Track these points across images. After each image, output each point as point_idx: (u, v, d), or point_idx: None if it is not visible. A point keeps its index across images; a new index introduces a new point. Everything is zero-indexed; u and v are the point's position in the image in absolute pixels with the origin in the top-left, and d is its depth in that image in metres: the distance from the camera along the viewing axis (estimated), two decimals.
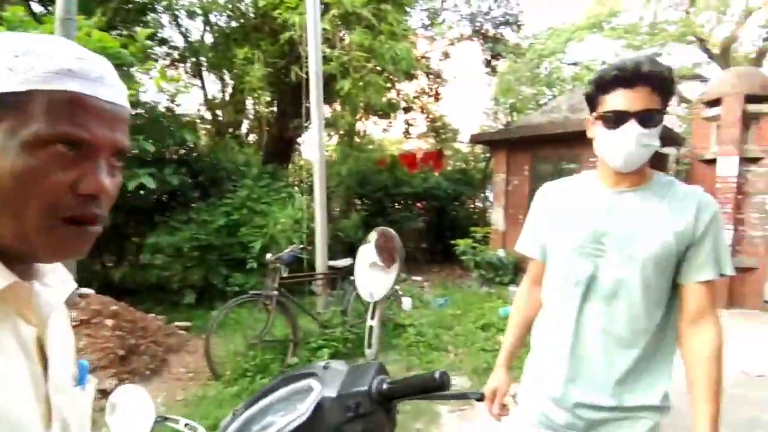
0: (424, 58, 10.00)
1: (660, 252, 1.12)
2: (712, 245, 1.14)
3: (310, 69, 4.23)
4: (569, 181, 1.33)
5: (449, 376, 0.72)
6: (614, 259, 1.16)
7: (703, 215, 1.13)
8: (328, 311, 4.39)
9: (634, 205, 1.16)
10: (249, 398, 0.99)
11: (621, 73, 1.09)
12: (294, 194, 5.98)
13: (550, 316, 1.31)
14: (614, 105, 1.11)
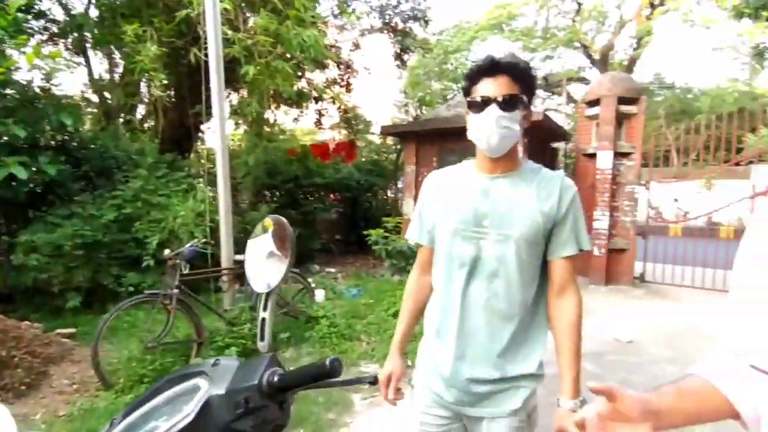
0: (334, 47, 9.89)
1: (531, 231, 1.24)
2: (572, 224, 1.27)
3: (210, 51, 3.96)
4: (452, 169, 1.42)
5: (341, 362, 0.72)
6: (493, 240, 1.25)
7: (564, 197, 1.26)
8: (236, 308, 4.20)
9: (507, 189, 1.27)
10: (129, 404, 0.90)
11: (485, 64, 1.23)
12: (196, 185, 5.59)
13: (439, 298, 1.37)
14: (480, 92, 1.23)
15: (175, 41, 5.89)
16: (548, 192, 1.26)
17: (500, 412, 1.29)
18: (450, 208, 1.32)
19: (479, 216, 1.27)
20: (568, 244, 1.27)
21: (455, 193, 1.33)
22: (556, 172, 1.33)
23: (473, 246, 1.27)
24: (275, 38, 4.96)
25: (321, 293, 5.63)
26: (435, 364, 1.36)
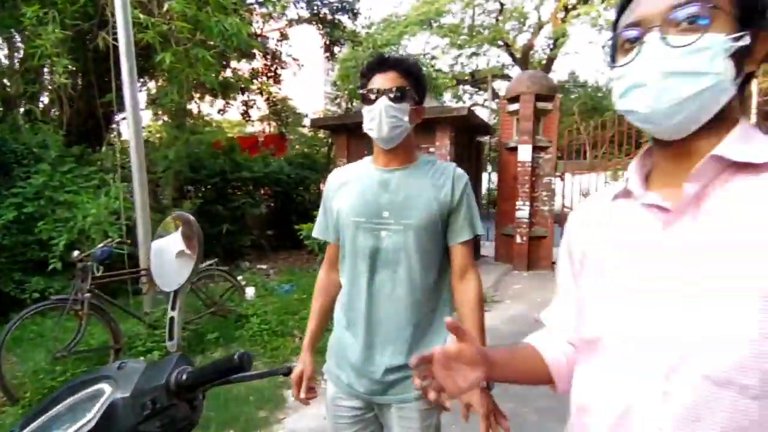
0: (260, 36, 9.56)
1: (428, 219, 1.31)
2: (466, 211, 1.36)
3: (120, 36, 3.67)
4: (351, 166, 1.49)
5: (251, 356, 0.72)
6: (394, 230, 1.32)
7: (457, 186, 1.36)
8: (157, 310, 3.98)
9: (404, 181, 1.34)
10: (26, 415, 0.84)
11: (376, 61, 1.34)
12: (109, 181, 5.18)
13: (346, 291, 1.42)
14: (371, 86, 1.32)
15: (81, 24, 5.38)
16: (442, 182, 1.35)
17: (409, 396, 1.34)
18: (351, 203, 1.37)
19: (379, 208, 1.33)
20: (464, 230, 1.36)
21: (355, 187, 1.38)
22: (449, 163, 1.42)
23: (375, 237, 1.32)
24: (194, 25, 4.70)
25: (251, 291, 5.48)
26: (345, 355, 1.39)
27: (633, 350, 0.66)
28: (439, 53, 21.29)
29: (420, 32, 19.43)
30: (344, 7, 9.97)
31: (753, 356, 0.56)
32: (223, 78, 8.14)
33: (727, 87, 0.63)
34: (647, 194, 0.70)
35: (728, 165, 0.64)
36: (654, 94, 0.64)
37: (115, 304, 3.68)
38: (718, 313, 0.59)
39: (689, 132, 0.66)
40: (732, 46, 0.62)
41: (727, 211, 0.63)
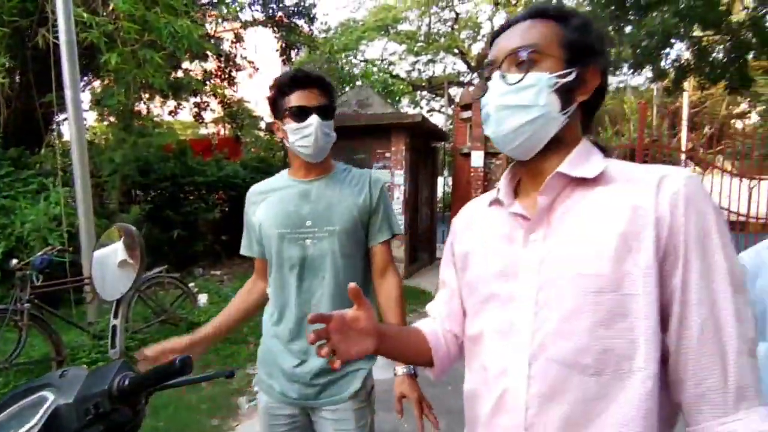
0: (213, 38, 9.36)
1: (351, 224, 1.38)
2: (384, 213, 1.45)
3: (61, 35, 3.53)
4: (268, 180, 1.51)
5: (191, 360, 0.76)
6: (318, 237, 1.37)
7: (374, 190, 1.44)
8: (103, 320, 3.84)
9: (323, 190, 1.40)
10: None
11: (297, 77, 1.35)
12: (49, 185, 4.93)
13: (275, 302, 1.44)
14: (296, 102, 1.33)
15: (19, 21, 5.10)
16: (360, 188, 1.42)
17: (341, 397, 1.38)
18: (273, 216, 1.40)
19: (301, 218, 1.38)
20: (383, 231, 1.44)
21: (276, 200, 1.42)
22: (364, 170, 1.50)
23: (300, 247, 1.37)
24: (142, 26, 4.57)
25: (204, 297, 5.37)
26: (276, 363, 1.41)
27: (504, 344, 0.78)
28: (397, 59, 21.60)
29: (378, 38, 19.64)
30: (300, 11, 9.94)
31: (589, 341, 0.69)
32: (174, 79, 7.91)
33: (555, 117, 0.76)
34: (514, 204, 0.82)
35: (570, 180, 0.76)
36: (496, 124, 0.78)
37: (56, 315, 3.53)
38: (562, 309, 0.72)
39: (534, 153, 0.79)
40: (557, 82, 0.75)
41: (567, 221, 0.75)
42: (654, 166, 0.74)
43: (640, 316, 0.67)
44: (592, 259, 0.70)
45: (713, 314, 0.65)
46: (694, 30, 9.41)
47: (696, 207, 0.68)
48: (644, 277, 0.67)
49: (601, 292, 0.69)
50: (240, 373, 3.82)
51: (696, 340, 0.66)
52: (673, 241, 0.67)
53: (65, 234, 4.24)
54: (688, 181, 0.69)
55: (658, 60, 9.58)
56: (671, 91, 11.13)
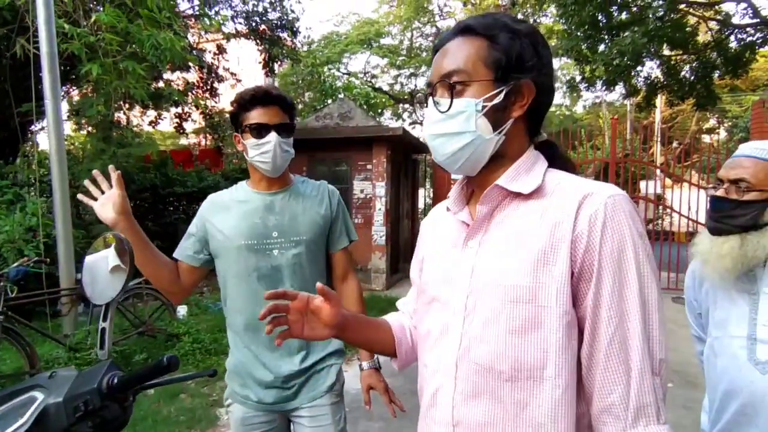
0: (196, 49, 9.38)
1: (316, 233, 1.46)
2: (342, 221, 1.53)
3: (42, 46, 3.53)
4: (229, 191, 1.54)
5: (178, 359, 0.81)
6: (285, 247, 1.42)
7: (333, 200, 1.52)
8: (80, 331, 3.78)
9: (288, 202, 1.46)
10: None
11: (258, 94, 1.39)
12: (25, 196, 4.85)
13: (239, 314, 1.44)
14: (257, 119, 1.38)
15: None
16: (320, 198, 1.50)
17: (318, 392, 1.42)
18: (236, 227, 1.42)
19: (267, 230, 1.42)
20: (342, 238, 1.53)
21: (238, 212, 1.44)
22: (321, 181, 1.57)
23: (267, 257, 1.41)
24: (125, 37, 4.59)
25: (183, 309, 5.32)
26: (250, 373, 1.43)
27: (440, 345, 0.83)
28: (379, 72, 21.89)
29: (360, 51, 19.89)
30: (284, 24, 10.04)
31: (504, 348, 0.73)
32: (154, 89, 7.88)
33: (488, 138, 0.77)
34: (461, 212, 0.86)
35: (509, 192, 0.79)
36: (435, 150, 0.82)
37: (30, 327, 3.46)
38: (483, 316, 0.76)
39: (478, 170, 0.82)
40: (485, 106, 0.76)
41: (500, 231, 0.79)
42: (585, 182, 0.76)
43: (552, 328, 0.70)
44: (512, 269, 0.73)
45: (620, 332, 0.68)
46: (663, 49, 9.86)
47: (613, 227, 0.69)
48: (557, 291, 0.70)
49: (517, 302, 0.72)
50: (219, 384, 3.80)
51: (603, 356, 0.69)
52: (588, 259, 0.70)
53: (41, 245, 4.18)
54: (609, 201, 0.70)
55: (629, 78, 9.98)
56: (643, 107, 11.59)
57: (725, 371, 1.18)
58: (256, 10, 9.74)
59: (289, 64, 12.63)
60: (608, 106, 23.93)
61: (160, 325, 4.54)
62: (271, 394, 1.42)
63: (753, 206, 1.14)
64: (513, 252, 0.74)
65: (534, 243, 0.73)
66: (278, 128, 1.38)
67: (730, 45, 9.48)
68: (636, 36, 8.37)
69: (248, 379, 1.44)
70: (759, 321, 1.13)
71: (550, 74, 0.81)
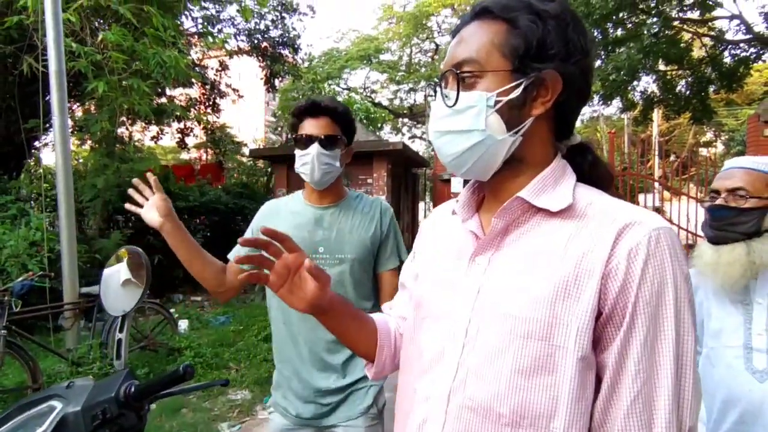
0: (199, 66, 9.52)
1: (361, 252, 1.42)
2: (393, 240, 1.50)
3: (50, 64, 3.61)
4: (285, 200, 1.55)
5: (193, 368, 0.84)
6: (329, 264, 1.40)
7: (384, 219, 1.49)
8: (83, 346, 3.79)
9: (336, 218, 1.45)
10: None
11: (308, 106, 1.40)
12: (29, 211, 4.89)
13: (282, 327, 1.45)
14: (304, 130, 1.39)
15: (3, 47, 5.16)
16: (371, 216, 1.47)
17: (354, 413, 1.39)
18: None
19: (314, 244, 1.41)
20: (392, 258, 1.49)
21: (289, 223, 1.45)
22: (376, 197, 1.55)
23: None
24: (130, 55, 4.69)
25: (184, 323, 5.32)
26: (290, 386, 1.44)
27: (433, 370, 0.71)
28: (379, 87, 22.16)
29: (360, 67, 20.17)
30: (285, 41, 10.22)
31: (506, 389, 0.62)
32: (157, 105, 7.99)
33: (501, 139, 0.66)
34: (470, 220, 0.74)
35: (531, 206, 0.67)
36: (440, 150, 0.72)
37: (34, 341, 3.47)
38: (486, 348, 0.65)
39: (490, 175, 0.70)
40: (499, 101, 0.65)
41: (516, 250, 0.67)
42: (625, 207, 0.64)
43: (566, 374, 0.59)
44: (526, 299, 0.62)
45: (647, 390, 0.58)
46: (659, 65, 10.02)
47: (655, 265, 0.58)
48: (578, 331, 0.59)
49: (528, 338, 0.61)
50: (221, 399, 3.79)
51: (623, 415, 0.58)
52: (622, 300, 0.59)
53: (45, 259, 4.21)
54: (654, 234, 0.59)
55: (626, 92, 10.13)
56: (640, 121, 11.73)
57: (722, 381, 1.20)
58: (258, 28, 9.93)
59: (291, 79, 12.80)
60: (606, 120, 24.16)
61: (162, 339, 4.54)
62: (309, 408, 1.41)
63: (754, 213, 1.16)
64: (529, 278, 0.63)
65: (555, 270, 0.62)
66: (322, 140, 1.36)
67: (725, 60, 9.64)
68: (631, 52, 8.53)
69: (288, 391, 1.45)
70: (754, 330, 1.16)
71: (583, 65, 0.67)
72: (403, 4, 20.73)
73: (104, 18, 5.21)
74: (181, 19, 7.39)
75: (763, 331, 1.15)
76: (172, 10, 5.87)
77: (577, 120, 0.75)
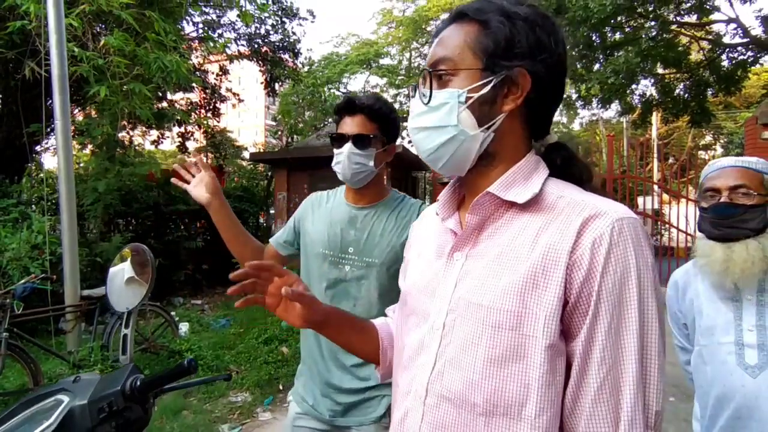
0: (199, 70, 9.58)
1: (390, 258, 1.36)
2: None
3: (53, 68, 3.64)
4: (330, 193, 1.54)
5: (197, 361, 0.87)
6: (357, 266, 1.38)
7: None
8: (84, 348, 3.80)
9: (371, 220, 1.41)
10: None
11: (345, 104, 1.40)
12: (30, 214, 4.92)
13: None
14: (340, 129, 1.39)
15: (5, 52, 5.20)
16: (407, 221, 1.38)
17: (366, 419, 1.37)
18: (320, 234, 1.43)
19: (345, 244, 1.39)
20: None
21: (327, 219, 1.45)
22: (417, 201, 1.47)
23: (338, 270, 1.39)
24: (132, 60, 4.73)
25: (185, 326, 5.33)
26: (311, 378, 1.45)
27: (414, 364, 0.74)
28: (379, 91, 22.23)
29: (360, 71, 20.26)
30: (285, 45, 10.28)
31: (480, 378, 0.64)
32: (158, 110, 8.04)
33: (473, 134, 0.69)
34: (450, 218, 0.78)
35: (503, 201, 0.70)
36: (418, 146, 0.75)
37: (35, 343, 3.49)
38: (461, 339, 0.67)
39: (465, 170, 0.73)
40: (469, 97, 0.68)
41: (489, 245, 0.69)
42: (591, 198, 0.66)
43: (535, 361, 0.61)
44: (497, 290, 0.64)
45: (613, 376, 0.59)
46: (657, 68, 10.07)
47: (617, 255, 0.60)
48: (545, 320, 0.61)
49: (499, 328, 0.63)
50: (221, 401, 3.80)
51: (591, 401, 0.60)
52: (586, 289, 0.61)
53: (47, 262, 4.23)
54: (617, 224, 0.61)
55: (625, 95, 10.18)
56: (639, 124, 11.78)
57: (716, 377, 1.22)
58: (259, 32, 10.00)
59: (291, 84, 12.87)
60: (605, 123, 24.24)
61: (162, 341, 4.55)
62: (325, 403, 1.41)
63: (758, 210, 1.18)
64: (500, 271, 0.66)
65: (524, 263, 0.64)
66: (356, 138, 1.34)
67: (723, 63, 9.70)
68: (630, 55, 8.58)
69: (309, 382, 1.45)
70: (744, 326, 1.18)
71: (553, 65, 0.70)
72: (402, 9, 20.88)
73: (106, 23, 5.26)
74: (182, 23, 7.45)
75: (753, 327, 1.17)
76: (173, 15, 5.92)
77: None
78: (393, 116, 1.43)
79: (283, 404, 3.75)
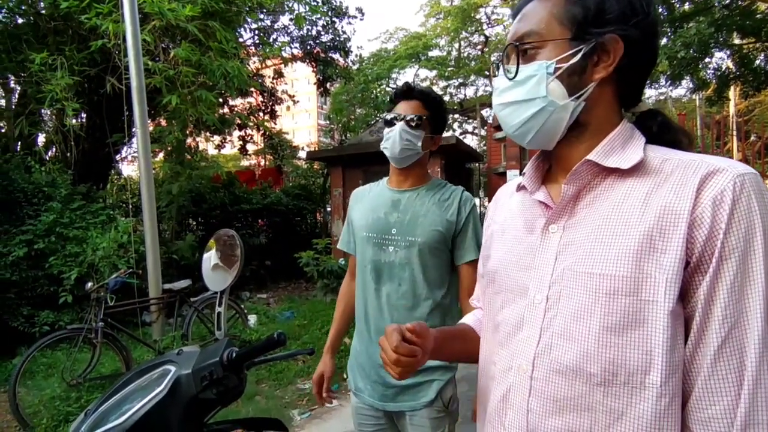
0: (257, 75, 10.02)
1: (432, 238, 1.41)
2: (472, 232, 1.45)
3: (132, 82, 3.98)
4: (372, 185, 1.63)
5: (285, 335, 0.95)
6: (400, 246, 1.43)
7: (463, 209, 1.46)
8: (167, 336, 4.14)
9: (413, 202, 1.47)
10: (101, 396, 1.05)
11: (402, 89, 1.48)
12: (116, 216, 5.41)
13: (359, 302, 1.52)
14: (395, 112, 1.47)
15: (88, 70, 5.73)
16: (449, 204, 1.45)
17: (417, 404, 1.40)
18: (363, 218, 1.51)
19: (388, 225, 1.45)
20: (470, 250, 1.44)
21: (369, 205, 1.53)
22: (458, 187, 1.52)
23: (382, 252, 1.44)
24: (198, 68, 5.05)
25: (253, 318, 5.64)
26: (361, 364, 1.49)
27: (514, 340, 0.73)
28: (429, 84, 22.07)
29: (409, 65, 20.21)
30: (336, 45, 10.50)
31: (596, 347, 0.63)
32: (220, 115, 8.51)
33: (563, 104, 0.68)
34: (537, 191, 0.76)
35: (602, 169, 0.68)
36: (503, 123, 0.75)
37: (126, 332, 3.84)
38: (571, 309, 0.66)
39: (555, 142, 0.72)
40: (558, 68, 0.68)
41: (591, 213, 0.68)
42: (705, 157, 0.63)
43: (658, 326, 0.59)
44: (609, 257, 0.63)
45: (736, 334, 0.57)
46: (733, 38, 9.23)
47: (741, 211, 0.58)
48: (667, 282, 0.59)
49: (615, 295, 0.61)
50: (291, 389, 4.00)
51: (711, 360, 0.58)
52: (709, 247, 0.58)
53: (132, 260, 4.64)
54: (739, 180, 0.59)
55: (697, 70, 9.42)
56: (714, 101, 10.86)
57: None
58: (311, 34, 10.27)
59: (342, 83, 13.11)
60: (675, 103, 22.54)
61: (234, 332, 4.85)
62: (377, 389, 1.44)
63: None
64: (608, 238, 0.64)
65: (636, 227, 0.62)
66: (408, 119, 1.41)
67: None
68: (701, 26, 7.93)
69: (360, 369, 1.50)
70: None
71: (646, 27, 0.68)
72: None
73: (172, 36, 5.65)
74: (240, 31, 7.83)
75: None
76: (232, 23, 6.24)
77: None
78: (444, 108, 1.51)
79: (348, 391, 3.88)
